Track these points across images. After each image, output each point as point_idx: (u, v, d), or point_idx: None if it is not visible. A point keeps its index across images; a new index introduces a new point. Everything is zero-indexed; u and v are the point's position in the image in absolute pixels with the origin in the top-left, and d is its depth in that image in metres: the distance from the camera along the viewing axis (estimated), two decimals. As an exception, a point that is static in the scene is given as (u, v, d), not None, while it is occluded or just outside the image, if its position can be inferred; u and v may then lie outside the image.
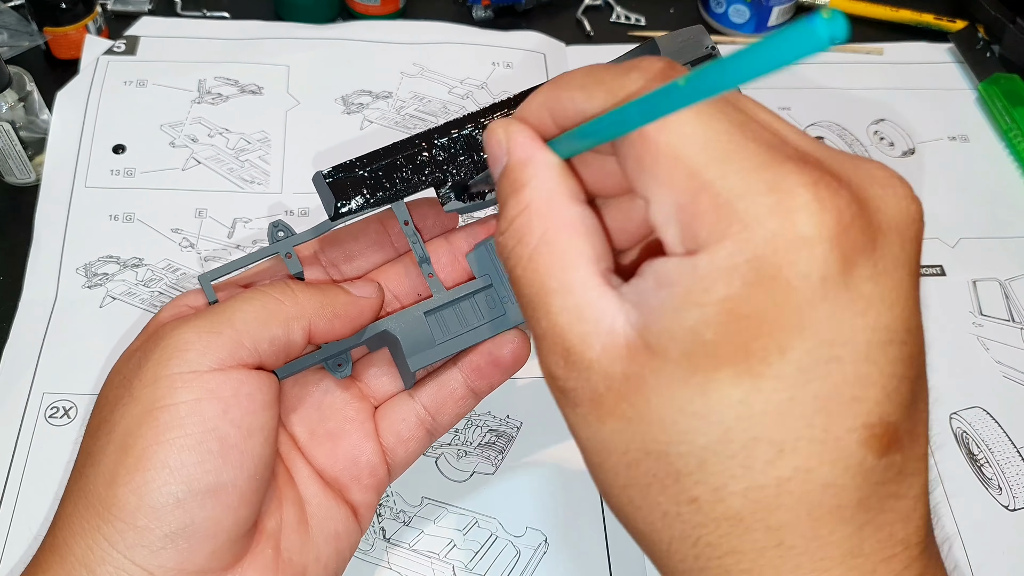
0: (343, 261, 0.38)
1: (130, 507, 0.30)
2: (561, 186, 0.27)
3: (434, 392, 0.38)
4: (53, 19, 0.65)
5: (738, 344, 0.22)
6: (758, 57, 0.18)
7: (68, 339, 0.54)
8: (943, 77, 0.73)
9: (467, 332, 0.37)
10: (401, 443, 0.38)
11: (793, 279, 0.22)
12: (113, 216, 0.59)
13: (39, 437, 0.50)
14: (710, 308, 0.22)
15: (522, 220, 0.26)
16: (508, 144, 0.28)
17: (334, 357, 0.36)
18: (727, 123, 0.23)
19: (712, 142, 0.23)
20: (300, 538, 0.35)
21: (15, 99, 0.59)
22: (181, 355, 0.31)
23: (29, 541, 0.47)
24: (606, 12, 0.76)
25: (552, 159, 0.27)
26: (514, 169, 0.27)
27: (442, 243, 0.38)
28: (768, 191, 0.22)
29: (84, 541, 0.30)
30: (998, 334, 0.58)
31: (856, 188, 0.23)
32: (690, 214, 0.23)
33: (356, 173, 0.35)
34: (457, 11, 0.74)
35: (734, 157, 0.22)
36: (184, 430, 0.30)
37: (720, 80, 0.20)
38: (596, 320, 0.24)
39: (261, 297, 0.33)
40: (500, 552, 0.48)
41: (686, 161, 0.23)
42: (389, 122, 0.66)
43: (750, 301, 0.22)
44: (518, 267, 0.26)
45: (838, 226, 0.22)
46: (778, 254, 0.21)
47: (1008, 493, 0.52)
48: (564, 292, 0.25)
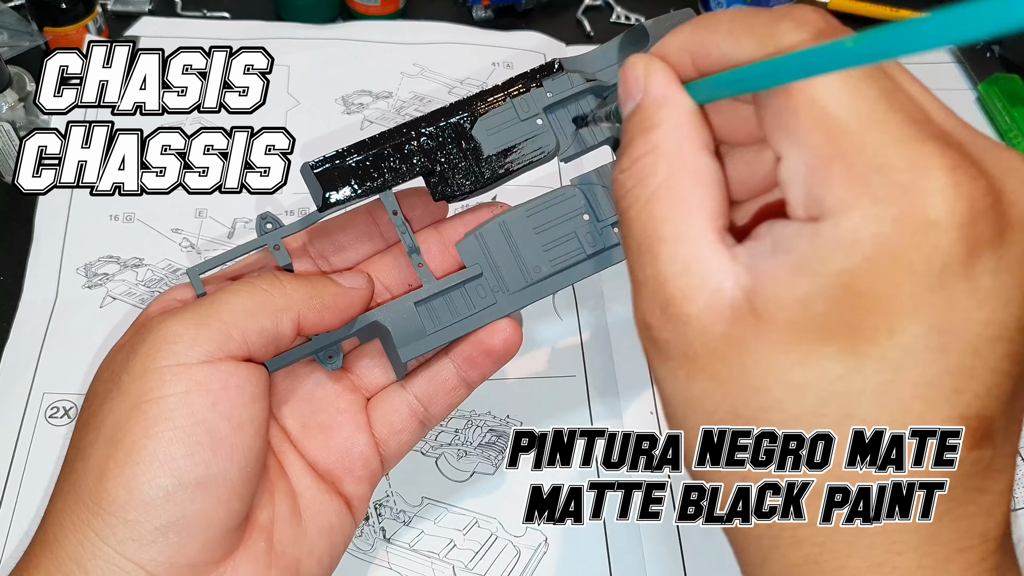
0: (332, 252, 0.38)
1: (120, 501, 0.30)
2: (694, 133, 0.26)
3: (426, 383, 0.38)
4: (53, 19, 0.65)
5: (848, 320, 0.22)
6: (940, 27, 0.17)
7: (68, 339, 0.54)
8: (943, 77, 0.73)
9: (458, 322, 0.37)
10: (394, 434, 0.38)
11: (915, 263, 0.21)
12: (113, 216, 0.59)
13: (39, 437, 0.50)
14: (825, 279, 0.22)
15: (647, 161, 0.26)
16: (646, 81, 0.27)
17: (324, 349, 0.36)
18: (876, 89, 0.23)
19: (857, 108, 0.22)
20: (293, 531, 0.35)
21: (15, 99, 0.59)
22: (169, 347, 0.31)
23: (23, 538, 0.47)
24: (606, 12, 0.76)
25: (688, 103, 0.26)
26: (648, 107, 0.27)
27: (432, 233, 0.38)
28: (906, 168, 0.21)
29: (75, 536, 0.30)
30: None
31: (993, 178, 0.22)
32: (821, 178, 0.22)
33: (344, 163, 0.35)
34: (457, 11, 0.74)
35: (877, 127, 0.22)
36: (173, 423, 0.30)
37: (892, 45, 0.19)
38: (703, 276, 0.24)
39: (248, 289, 0.33)
40: (500, 552, 0.48)
41: (828, 124, 0.22)
42: (389, 122, 0.66)
43: (868, 278, 0.22)
44: (633, 207, 0.26)
45: (969, 215, 0.21)
46: (904, 235, 0.21)
47: (1008, 493, 0.52)
48: (675, 241, 0.25)
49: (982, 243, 0.22)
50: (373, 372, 0.39)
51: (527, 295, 0.37)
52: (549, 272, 0.37)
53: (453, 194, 0.36)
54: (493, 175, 0.36)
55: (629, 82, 0.28)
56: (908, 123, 0.22)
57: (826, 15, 0.25)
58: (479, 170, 0.36)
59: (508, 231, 0.37)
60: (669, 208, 0.25)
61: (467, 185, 0.36)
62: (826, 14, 0.25)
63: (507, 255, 0.37)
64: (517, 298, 0.37)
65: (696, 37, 0.27)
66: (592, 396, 0.54)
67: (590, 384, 0.55)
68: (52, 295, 0.56)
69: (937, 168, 0.21)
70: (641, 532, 0.49)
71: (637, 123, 0.27)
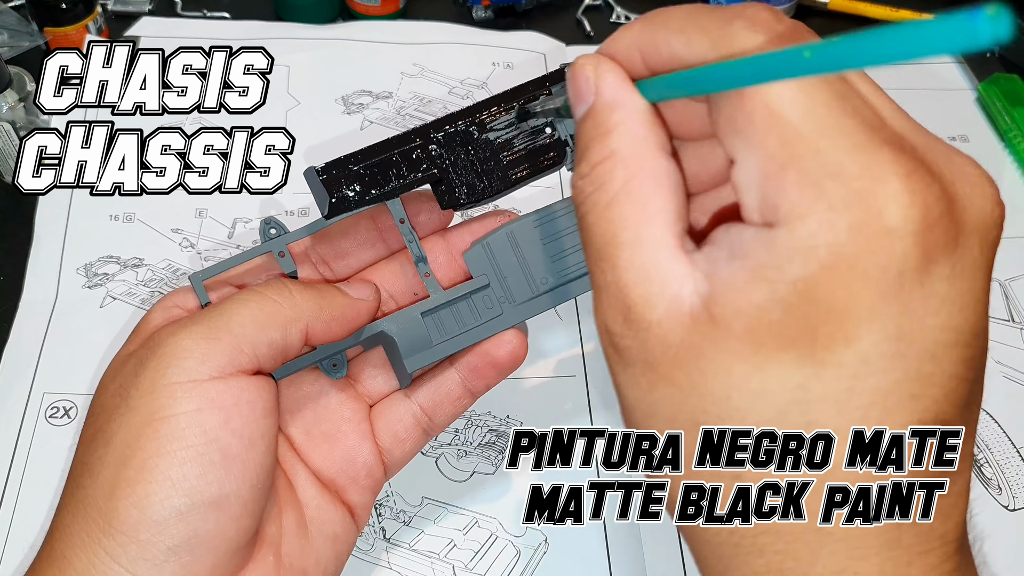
0: (334, 258, 0.37)
1: (132, 521, 0.29)
2: (650, 135, 0.26)
3: (431, 392, 0.38)
4: (53, 19, 0.65)
5: (805, 327, 0.22)
6: (902, 41, 0.17)
7: (68, 339, 0.54)
8: (943, 77, 0.73)
9: (464, 333, 0.36)
10: (398, 443, 0.38)
11: (872, 270, 0.21)
12: (113, 216, 0.59)
13: (39, 437, 0.50)
14: (782, 286, 0.22)
15: (606, 166, 0.25)
16: (597, 82, 0.27)
17: (329, 358, 0.36)
18: (829, 93, 0.22)
19: (812, 112, 0.22)
20: (300, 542, 0.35)
21: (15, 99, 0.59)
22: (179, 363, 0.30)
23: (27, 548, 0.47)
24: (606, 12, 0.76)
25: (642, 104, 0.26)
26: (602, 111, 0.26)
27: (438, 241, 0.38)
28: (860, 175, 0.21)
29: (85, 555, 0.30)
30: (998, 335, 0.58)
31: (947, 183, 0.22)
32: (775, 184, 0.22)
33: (350, 170, 0.34)
34: (457, 11, 0.74)
35: (831, 132, 0.22)
36: (185, 441, 0.30)
37: (851, 57, 0.18)
38: (662, 282, 0.24)
39: (258, 299, 0.32)
40: (500, 552, 0.48)
41: (783, 128, 0.22)
42: (389, 122, 0.66)
43: (824, 286, 0.21)
44: (592, 213, 0.26)
45: (924, 222, 0.21)
46: (860, 242, 0.21)
47: (1008, 493, 0.52)
48: (635, 246, 0.24)
49: (937, 249, 0.22)
50: (377, 380, 0.39)
51: (533, 306, 0.37)
52: (555, 283, 0.37)
53: (460, 203, 0.36)
54: (501, 184, 0.36)
55: (579, 83, 0.27)
56: (863, 128, 0.22)
57: (778, 14, 0.24)
58: (487, 179, 0.36)
59: (516, 241, 0.37)
60: (629, 213, 0.25)
61: (475, 194, 0.36)
62: (779, 13, 0.25)
63: (514, 266, 0.37)
64: (523, 309, 0.37)
65: (647, 35, 0.26)
66: (592, 396, 0.54)
67: (590, 384, 0.55)
68: (52, 295, 0.56)
69: (892, 174, 0.21)
70: (641, 532, 0.49)
71: (592, 127, 0.26)
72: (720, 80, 0.23)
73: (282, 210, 0.60)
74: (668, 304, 0.24)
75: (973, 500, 0.51)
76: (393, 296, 0.38)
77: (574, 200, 0.27)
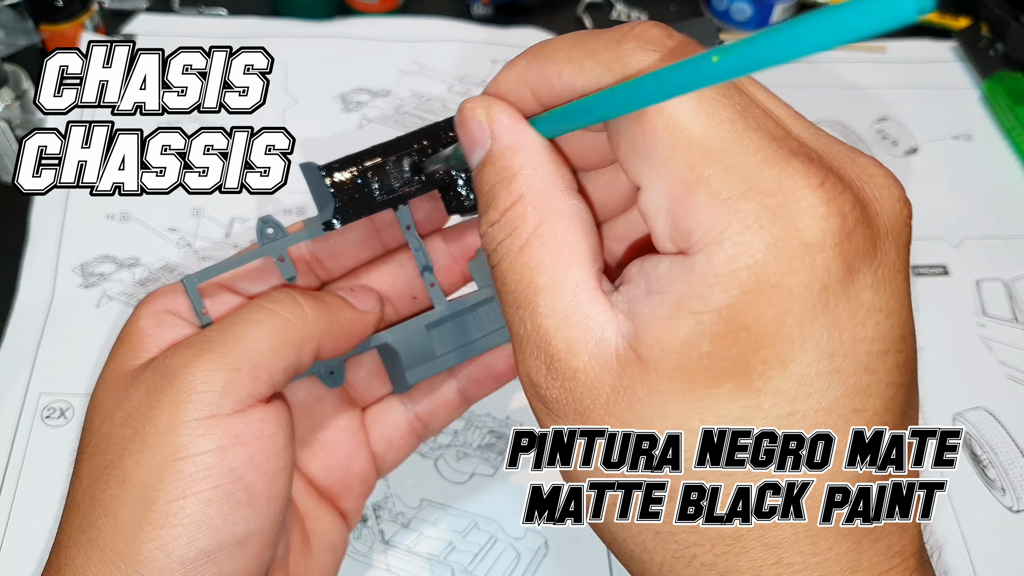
0: (328, 257, 0.36)
1: (158, 564, 0.28)
2: (555, 175, 0.25)
3: (427, 400, 0.37)
4: (49, 17, 0.65)
5: (736, 357, 0.21)
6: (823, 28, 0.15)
7: (64, 339, 0.54)
8: (946, 75, 0.73)
9: (467, 345, 0.36)
10: (392, 449, 0.37)
11: (796, 288, 0.21)
12: (109, 215, 0.59)
13: (35, 438, 0.50)
14: (707, 317, 0.21)
15: (516, 211, 0.25)
16: (491, 126, 0.26)
17: (327, 365, 0.35)
18: (731, 108, 0.22)
19: (714, 130, 0.21)
20: (305, 559, 0.34)
21: (11, 97, 0.58)
22: (200, 397, 0.29)
23: (23, 549, 0.47)
24: (606, 9, 0.76)
25: (540, 143, 0.25)
26: (501, 156, 0.25)
27: (439, 244, 0.37)
28: (772, 191, 0.21)
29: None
30: (1002, 335, 0.58)
31: (858, 189, 0.22)
32: (685, 208, 0.21)
33: (356, 172, 0.33)
34: (456, 8, 0.73)
35: (736, 149, 0.21)
36: (210, 482, 0.28)
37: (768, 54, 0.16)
38: (585, 326, 0.23)
39: (272, 320, 0.31)
40: (500, 554, 0.48)
41: (687, 149, 0.21)
42: (388, 121, 0.65)
43: (750, 311, 0.21)
44: (505, 260, 0.25)
45: (842, 232, 0.21)
46: (780, 261, 0.20)
47: (1012, 495, 0.51)
48: (554, 291, 0.24)
49: (858, 258, 0.21)
50: (371, 384, 0.38)
51: None
52: None
53: (466, 208, 0.35)
54: None
55: (472, 129, 0.26)
56: (769, 141, 0.21)
57: (669, 30, 0.24)
58: (454, 162, 0.35)
59: None
60: (544, 257, 0.24)
61: (435, 177, 0.34)
62: (668, 28, 0.24)
63: None
64: None
65: (534, 68, 0.25)
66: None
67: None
68: (48, 295, 0.55)
69: (804, 187, 0.21)
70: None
71: (493, 173, 0.25)
72: (619, 103, 0.22)
73: (281, 209, 0.60)
74: (593, 349, 0.23)
75: (976, 502, 0.51)
76: (391, 299, 0.37)
77: (485, 249, 0.26)
